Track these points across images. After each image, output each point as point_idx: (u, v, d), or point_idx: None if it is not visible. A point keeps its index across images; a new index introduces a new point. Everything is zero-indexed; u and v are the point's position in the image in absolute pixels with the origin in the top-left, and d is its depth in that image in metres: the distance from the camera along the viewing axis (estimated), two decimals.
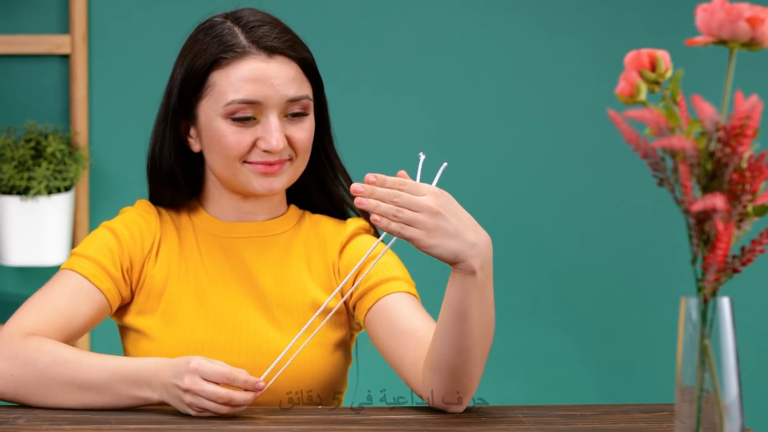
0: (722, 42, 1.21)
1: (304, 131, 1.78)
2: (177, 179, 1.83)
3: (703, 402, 1.19)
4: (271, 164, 1.76)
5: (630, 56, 1.25)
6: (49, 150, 2.95)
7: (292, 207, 1.89)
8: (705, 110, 1.18)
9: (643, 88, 1.24)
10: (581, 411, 1.68)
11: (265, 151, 1.75)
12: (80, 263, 1.78)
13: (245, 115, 1.75)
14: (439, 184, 1.61)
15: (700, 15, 1.21)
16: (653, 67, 1.24)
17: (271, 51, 1.76)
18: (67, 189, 2.99)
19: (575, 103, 3.15)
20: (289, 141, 1.77)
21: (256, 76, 1.75)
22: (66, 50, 3.06)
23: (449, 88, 3.14)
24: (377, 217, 1.55)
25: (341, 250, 1.84)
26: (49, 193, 2.96)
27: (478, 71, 3.14)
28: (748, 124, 1.17)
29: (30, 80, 3.08)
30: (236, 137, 1.76)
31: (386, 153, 3.10)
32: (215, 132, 1.76)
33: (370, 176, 1.56)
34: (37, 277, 3.10)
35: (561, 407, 1.70)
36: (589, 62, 3.15)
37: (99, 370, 1.66)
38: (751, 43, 1.21)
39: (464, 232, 1.57)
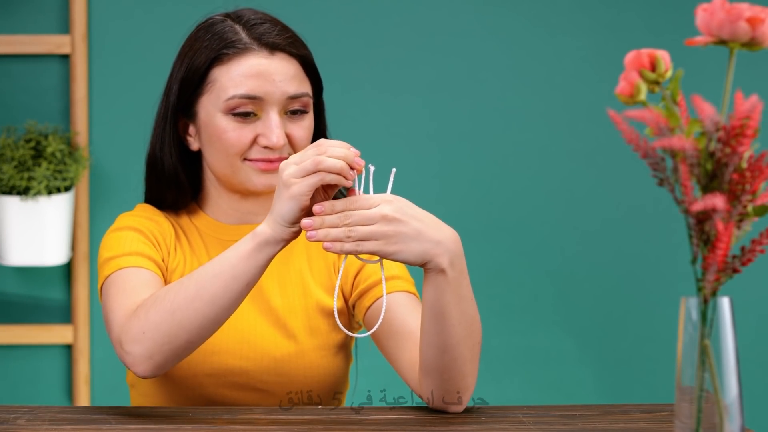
0: (722, 42, 1.21)
1: (303, 129, 1.78)
2: (179, 179, 1.83)
3: (703, 402, 1.19)
4: (271, 161, 1.76)
5: (630, 56, 1.25)
6: (49, 150, 2.95)
7: None
8: (705, 110, 1.18)
9: (643, 88, 1.24)
10: (581, 411, 1.68)
11: (265, 147, 1.75)
12: (126, 260, 1.75)
13: (246, 110, 1.75)
14: (396, 189, 1.59)
15: (700, 15, 1.21)
16: (653, 67, 1.24)
17: (272, 48, 1.76)
18: (67, 189, 2.99)
19: (575, 103, 3.15)
20: (289, 139, 1.77)
21: (257, 72, 1.75)
22: (66, 50, 3.06)
23: (449, 88, 3.14)
24: (328, 244, 1.54)
25: None
26: (49, 193, 2.96)
27: (478, 71, 3.14)
28: (748, 124, 1.17)
29: (30, 80, 3.08)
30: (236, 133, 1.75)
31: (386, 153, 3.10)
32: (215, 128, 1.76)
33: (317, 207, 1.55)
34: (37, 277, 3.10)
35: (561, 407, 1.70)
36: (589, 62, 3.15)
37: (208, 266, 1.62)
38: (751, 43, 1.21)
39: (426, 233, 1.55)
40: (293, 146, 1.77)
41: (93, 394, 3.11)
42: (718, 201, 1.15)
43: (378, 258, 1.58)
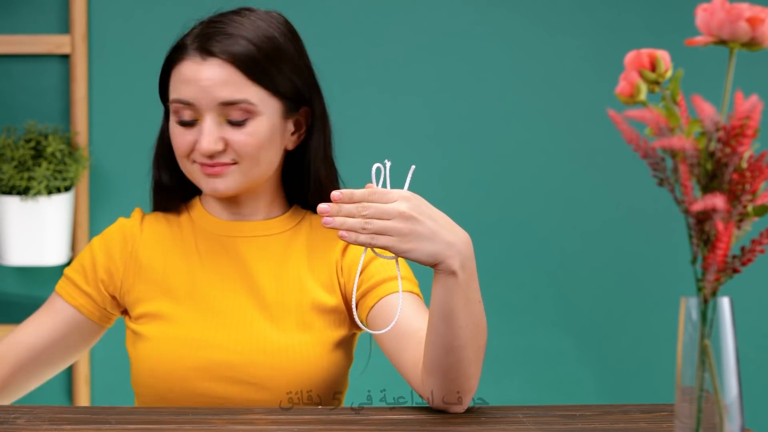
0: (722, 42, 1.21)
1: (246, 135, 1.77)
2: (162, 182, 1.88)
3: (703, 402, 1.19)
4: (210, 166, 1.78)
5: (630, 56, 1.25)
6: (49, 150, 2.95)
7: (295, 207, 1.89)
8: (705, 110, 1.18)
9: (643, 88, 1.24)
10: (581, 411, 1.68)
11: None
12: (60, 283, 1.87)
13: (185, 118, 1.78)
14: (411, 187, 1.59)
15: (700, 15, 1.21)
16: (653, 67, 1.24)
17: (205, 53, 1.77)
18: (67, 189, 2.99)
19: (575, 103, 3.15)
20: (229, 145, 1.77)
21: (188, 78, 1.78)
22: (66, 50, 3.06)
23: (449, 88, 3.14)
24: (344, 233, 1.54)
25: (344, 249, 1.84)
26: (49, 193, 2.96)
27: (478, 71, 3.14)
28: (748, 124, 1.17)
29: (30, 80, 3.08)
30: (181, 137, 1.79)
31: (386, 153, 3.10)
32: (171, 130, 1.81)
33: (335, 193, 1.55)
34: (37, 277, 3.10)
35: (561, 407, 1.70)
36: (589, 62, 3.15)
37: None
38: (751, 43, 1.21)
39: (440, 233, 1.55)
40: (236, 152, 1.78)
41: (93, 394, 3.11)
42: (718, 201, 1.15)
43: (393, 255, 1.58)
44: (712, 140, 1.19)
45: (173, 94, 1.78)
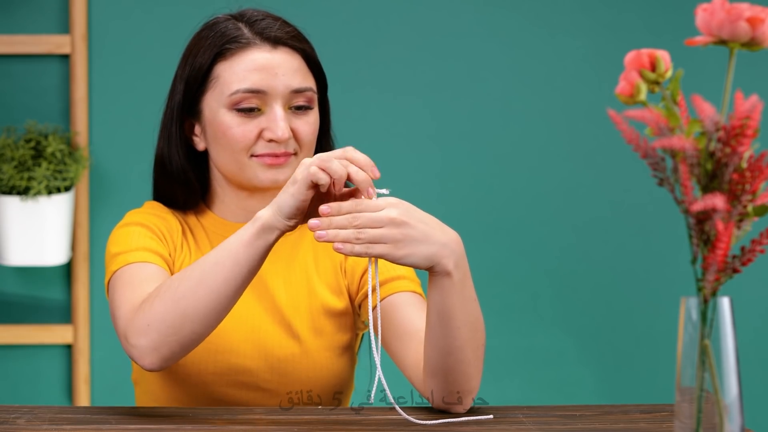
0: (722, 42, 1.21)
1: (308, 124, 1.78)
2: (189, 179, 1.83)
3: (703, 402, 1.19)
4: (276, 156, 1.76)
5: (630, 56, 1.25)
6: (49, 150, 2.95)
7: None
8: (705, 110, 1.18)
9: (643, 88, 1.24)
10: (581, 411, 1.68)
11: (270, 141, 1.75)
12: (133, 256, 1.75)
13: (250, 105, 1.75)
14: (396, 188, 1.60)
15: (700, 15, 1.21)
16: (653, 67, 1.24)
17: (275, 42, 1.77)
18: (67, 189, 2.99)
19: (575, 103, 3.15)
20: (294, 134, 1.77)
21: (260, 66, 1.75)
22: (66, 50, 3.06)
23: (449, 88, 3.14)
24: (339, 245, 1.54)
25: None
26: (49, 193, 2.96)
27: (478, 71, 3.14)
28: (748, 124, 1.17)
29: (30, 80, 3.08)
30: (241, 129, 1.76)
31: (387, 153, 3.10)
32: (220, 125, 1.77)
33: (323, 207, 1.55)
34: (37, 277, 3.10)
35: (561, 407, 1.70)
36: (589, 62, 3.15)
37: (211, 254, 1.61)
38: (751, 43, 1.21)
39: (433, 235, 1.55)
40: (298, 141, 1.77)
41: (93, 394, 3.11)
42: (718, 201, 1.15)
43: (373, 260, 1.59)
44: (712, 140, 1.19)
45: (239, 85, 1.75)
